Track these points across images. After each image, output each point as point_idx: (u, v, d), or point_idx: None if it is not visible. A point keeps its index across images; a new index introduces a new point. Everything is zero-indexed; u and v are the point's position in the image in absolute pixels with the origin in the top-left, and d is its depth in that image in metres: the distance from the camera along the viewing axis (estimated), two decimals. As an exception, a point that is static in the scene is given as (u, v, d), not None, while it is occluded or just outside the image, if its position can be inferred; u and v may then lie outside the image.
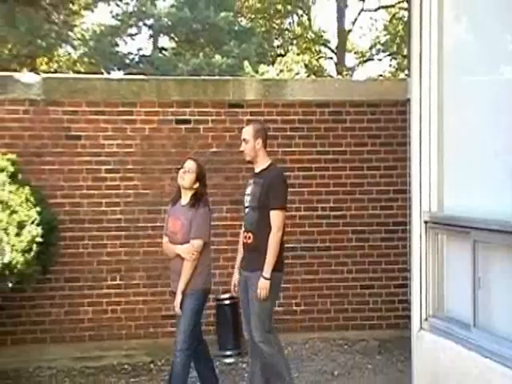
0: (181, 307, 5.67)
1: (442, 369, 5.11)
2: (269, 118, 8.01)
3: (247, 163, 6.04)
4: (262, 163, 5.82)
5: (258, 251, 5.58)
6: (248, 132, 5.84)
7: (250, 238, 5.69)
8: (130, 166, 7.68)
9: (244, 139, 5.83)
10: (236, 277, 5.91)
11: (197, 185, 5.90)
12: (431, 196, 5.43)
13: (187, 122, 7.94)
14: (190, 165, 5.89)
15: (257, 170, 5.85)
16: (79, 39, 25.26)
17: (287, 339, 7.90)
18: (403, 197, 8.03)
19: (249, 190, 5.78)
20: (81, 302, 7.47)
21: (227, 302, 7.73)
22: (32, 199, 6.84)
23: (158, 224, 7.55)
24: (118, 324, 7.64)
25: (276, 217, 5.66)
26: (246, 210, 5.76)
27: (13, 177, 6.93)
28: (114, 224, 7.75)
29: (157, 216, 7.65)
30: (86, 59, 25.00)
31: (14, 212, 6.47)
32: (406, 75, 12.02)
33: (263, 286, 5.48)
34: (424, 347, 5.43)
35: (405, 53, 22.16)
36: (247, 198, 5.77)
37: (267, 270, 5.50)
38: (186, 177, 5.85)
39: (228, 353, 7.66)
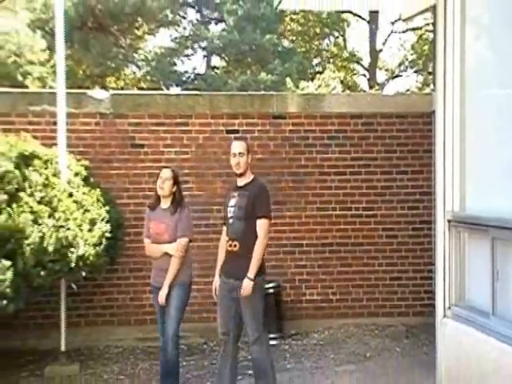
0: (166, 300, 5.58)
1: (464, 352, 5.06)
2: (308, 128, 8.02)
3: (236, 175, 5.57)
4: (247, 177, 5.54)
5: (245, 258, 5.29)
6: (243, 147, 5.55)
7: (235, 246, 5.37)
8: (186, 171, 7.73)
9: (240, 153, 5.50)
10: (217, 280, 5.54)
11: (174, 188, 5.79)
12: (454, 197, 5.38)
13: (236, 131, 7.96)
14: (166, 173, 5.77)
15: (241, 184, 5.54)
16: (143, 60, 25.55)
17: (324, 324, 7.92)
18: (428, 198, 7.96)
19: (232, 202, 5.47)
20: (143, 290, 7.53)
21: (271, 290, 7.73)
22: (102, 200, 6.97)
23: (211, 222, 7.62)
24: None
25: (263, 225, 5.37)
26: (231, 220, 5.43)
27: (85, 180, 7.06)
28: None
29: (209, 214, 7.71)
30: (148, 77, 25.24)
31: (86, 211, 6.60)
32: (432, 90, 11.89)
33: (247, 285, 5.18)
34: (447, 333, 5.38)
35: (430, 69, 21.94)
36: (231, 209, 5.45)
37: (252, 272, 5.22)
38: (166, 185, 5.72)
39: (271, 335, 7.62)
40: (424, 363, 6.33)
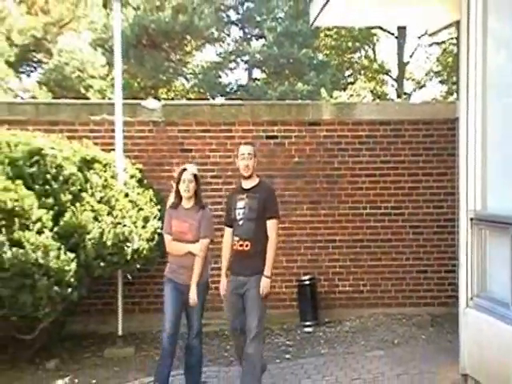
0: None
1: (485, 339, 5.00)
2: (341, 134, 7.99)
3: (243, 178, 5.35)
4: (253, 179, 5.34)
5: (257, 257, 5.15)
6: (252, 149, 5.34)
7: (247, 245, 5.16)
8: (229, 173, 7.75)
9: (249, 154, 5.30)
10: (224, 280, 5.33)
11: (195, 189, 5.44)
12: (476, 197, 5.31)
13: (275, 137, 7.96)
14: (190, 176, 5.38)
15: (247, 186, 5.31)
16: (191, 73, 25.74)
17: (356, 314, 7.87)
18: (452, 198, 7.85)
19: (241, 204, 5.22)
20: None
21: (307, 282, 7.73)
22: (154, 199, 7.05)
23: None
24: (218, 299, 7.72)
25: (274, 225, 5.22)
26: (241, 221, 5.19)
27: (140, 182, 7.15)
28: (216, 220, 7.83)
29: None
30: (195, 89, 25.41)
31: (140, 209, 6.68)
32: (455, 98, 11.74)
33: (266, 284, 5.10)
34: (469, 322, 5.31)
35: (454, 80, 21.62)
36: (240, 211, 5.21)
37: (269, 271, 5.14)
38: (191, 187, 5.37)
39: (307, 323, 7.65)
40: (448, 350, 6.25)
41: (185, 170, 5.42)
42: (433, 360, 6.08)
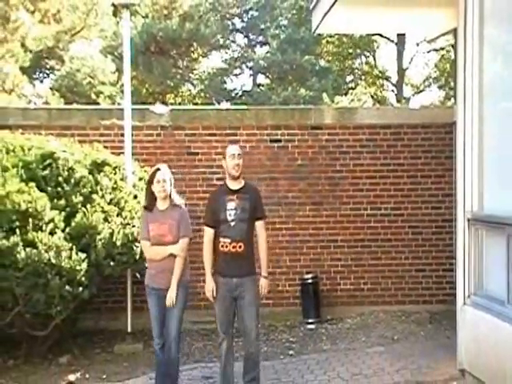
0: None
1: (482, 336, 4.99)
2: (342, 138, 7.97)
3: (232, 178, 5.05)
4: (240, 181, 5.08)
5: (249, 258, 5.01)
6: (240, 149, 5.09)
7: (240, 247, 4.93)
8: (235, 176, 7.74)
9: (239, 155, 5.03)
10: (210, 281, 5.01)
11: (170, 188, 5.10)
12: (473, 198, 5.30)
13: (279, 141, 7.95)
14: (165, 175, 5.07)
15: (235, 187, 5.05)
16: (197, 79, 25.83)
17: (357, 311, 7.85)
18: (450, 199, 7.83)
19: (232, 205, 4.96)
20: (197, 279, 7.55)
21: (310, 280, 7.72)
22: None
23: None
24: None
25: (264, 225, 5.12)
26: (232, 222, 4.93)
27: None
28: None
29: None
30: (202, 94, 25.50)
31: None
32: (453, 103, 11.72)
33: (266, 284, 5.05)
34: (467, 319, 5.30)
35: (451, 85, 21.59)
36: (231, 212, 4.95)
37: (266, 270, 5.08)
38: (166, 187, 5.04)
39: (310, 320, 7.63)
40: (446, 346, 6.23)
41: (158, 169, 5.10)
42: (431, 356, 6.06)
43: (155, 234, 5.00)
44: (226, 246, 4.97)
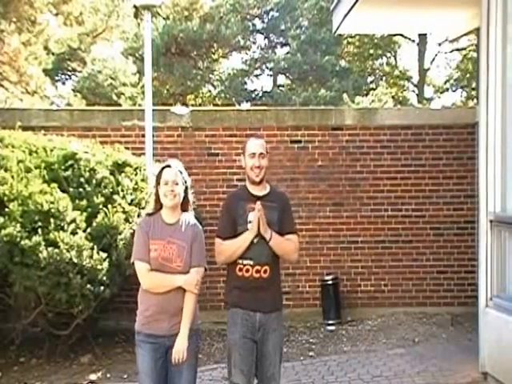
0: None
1: (504, 338, 4.94)
2: (363, 138, 7.94)
3: (252, 183, 3.96)
4: (264, 185, 3.97)
5: (275, 286, 3.94)
6: (264, 146, 3.96)
7: (265, 271, 3.83)
8: (255, 176, 7.74)
9: (261, 154, 3.90)
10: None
11: (183, 195, 3.69)
12: (495, 200, 5.25)
13: (299, 142, 7.94)
14: (174, 175, 3.66)
15: (259, 193, 3.92)
16: (218, 80, 25.90)
17: (378, 312, 7.81)
18: (472, 200, 7.76)
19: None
20: (217, 280, 7.57)
21: (330, 281, 7.69)
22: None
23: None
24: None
25: (297, 242, 3.97)
26: (255, 239, 3.80)
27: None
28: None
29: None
30: (222, 95, 25.56)
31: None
32: (475, 104, 11.61)
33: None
34: (489, 321, 5.25)
35: (474, 86, 21.39)
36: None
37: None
38: (178, 191, 3.63)
39: (330, 322, 7.61)
40: (468, 348, 6.17)
41: (167, 166, 3.70)
42: (453, 358, 6.01)
43: (158, 255, 3.60)
44: (247, 270, 3.85)
